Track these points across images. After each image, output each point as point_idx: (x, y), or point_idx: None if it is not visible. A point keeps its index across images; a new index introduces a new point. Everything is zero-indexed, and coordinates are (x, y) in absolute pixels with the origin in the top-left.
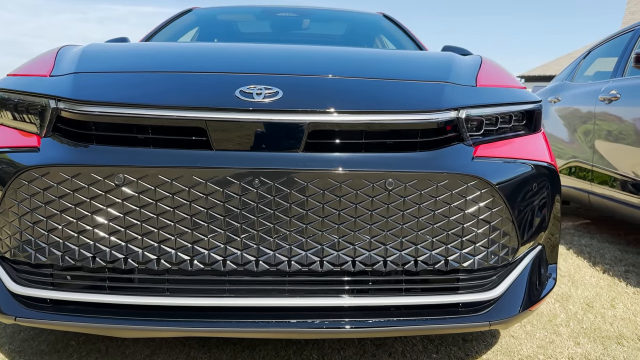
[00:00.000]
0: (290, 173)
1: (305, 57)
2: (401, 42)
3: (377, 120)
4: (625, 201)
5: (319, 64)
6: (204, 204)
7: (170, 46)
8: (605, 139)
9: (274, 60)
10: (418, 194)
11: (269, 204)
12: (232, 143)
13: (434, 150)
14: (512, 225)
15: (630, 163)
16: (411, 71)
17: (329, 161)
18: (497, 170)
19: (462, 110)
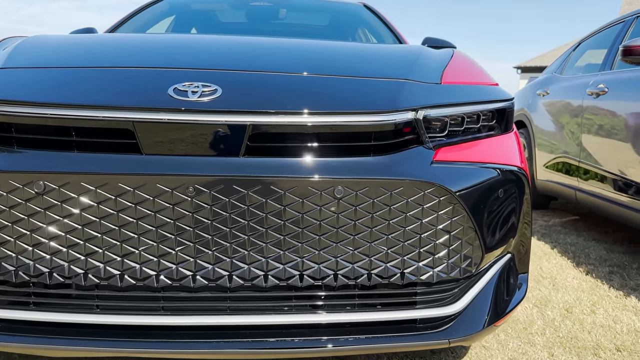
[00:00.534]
0: (228, 180)
1: (251, 51)
2: (379, 33)
3: (325, 122)
4: (612, 199)
5: (266, 59)
6: (132, 214)
7: (111, 39)
8: (592, 134)
9: (216, 54)
10: (370, 203)
11: (205, 214)
12: (163, 147)
13: (389, 154)
14: (475, 235)
15: (617, 160)
16: (369, 68)
17: (272, 167)
18: (458, 175)
19: (420, 111)
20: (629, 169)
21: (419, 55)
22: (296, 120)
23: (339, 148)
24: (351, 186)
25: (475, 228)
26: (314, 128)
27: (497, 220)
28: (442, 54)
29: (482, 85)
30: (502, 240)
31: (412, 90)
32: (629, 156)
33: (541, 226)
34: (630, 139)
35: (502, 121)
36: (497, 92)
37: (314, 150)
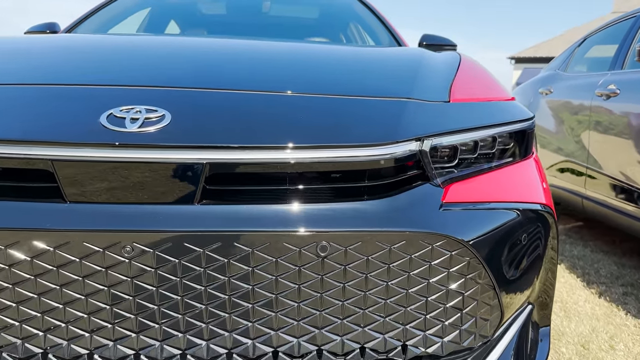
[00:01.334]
0: (178, 236)
1: (215, 61)
2: (373, 29)
3: (305, 158)
4: (622, 209)
5: (232, 73)
6: (53, 280)
7: (44, 44)
8: (601, 139)
9: (168, 67)
10: (363, 261)
11: (148, 280)
12: (92, 193)
13: (387, 196)
14: (493, 293)
15: (630, 168)
16: (363, 82)
17: (236, 218)
18: (473, 220)
19: (427, 140)
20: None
21: (421, 63)
22: (267, 156)
23: (323, 191)
24: (338, 241)
25: (494, 285)
26: (291, 167)
27: (519, 272)
28: (447, 61)
29: (497, 102)
30: (524, 293)
31: (415, 113)
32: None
33: None
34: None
35: (522, 145)
36: (516, 109)
37: (291, 195)
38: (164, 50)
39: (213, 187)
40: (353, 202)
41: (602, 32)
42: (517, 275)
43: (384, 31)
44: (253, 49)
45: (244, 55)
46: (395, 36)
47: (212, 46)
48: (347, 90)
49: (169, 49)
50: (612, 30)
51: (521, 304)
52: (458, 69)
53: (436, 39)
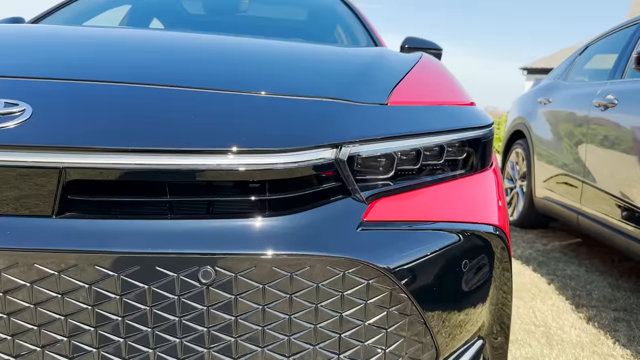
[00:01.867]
0: (28, 256)
1: (116, 53)
2: (352, 30)
3: (185, 165)
4: (619, 228)
5: (128, 65)
6: None
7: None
8: (598, 152)
9: (38, 53)
10: (257, 291)
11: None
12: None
13: (294, 212)
14: (424, 329)
15: (627, 184)
16: (287, 80)
17: (97, 235)
18: (400, 244)
19: (345, 147)
20: (638, 195)
21: (371, 63)
22: (139, 162)
23: (210, 205)
24: (227, 266)
25: (425, 321)
26: (169, 174)
27: (460, 304)
28: (404, 62)
29: (450, 106)
30: (467, 328)
31: (336, 116)
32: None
33: (539, 252)
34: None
35: (476, 156)
36: (472, 115)
37: (171, 208)
38: (59, 40)
39: (76, 198)
40: (250, 218)
41: (604, 40)
42: (456, 308)
43: (364, 34)
44: (185, 42)
45: (164, 48)
46: (373, 37)
47: (136, 38)
48: (264, 88)
49: (68, 39)
50: (614, 38)
51: (466, 340)
52: (411, 70)
53: (419, 42)
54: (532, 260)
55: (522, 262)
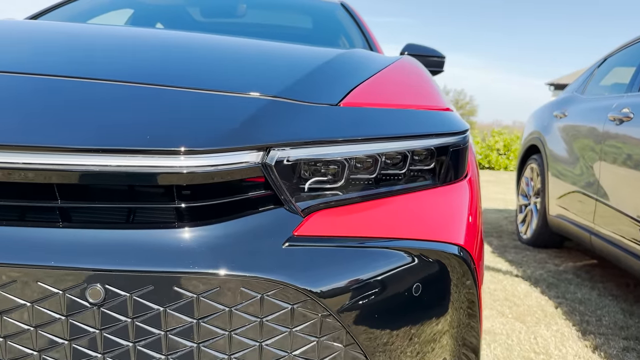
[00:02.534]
0: None
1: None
2: (350, 36)
3: (76, 166)
4: (633, 251)
5: (47, 57)
6: None
7: None
8: (612, 168)
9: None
10: (156, 314)
11: None
12: None
13: (208, 223)
14: None
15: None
16: (221, 76)
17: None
18: (336, 264)
19: (274, 150)
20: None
21: (335, 63)
22: (16, 160)
23: (107, 212)
24: (121, 284)
25: (363, 352)
26: (54, 175)
27: (411, 338)
28: (380, 63)
29: (417, 110)
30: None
31: (268, 116)
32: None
33: (550, 272)
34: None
35: (445, 165)
36: (445, 120)
37: (66, 216)
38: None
39: None
40: (152, 229)
41: (623, 52)
42: (407, 342)
43: (361, 40)
44: (137, 37)
45: (102, 42)
46: (371, 45)
47: (80, 33)
48: (191, 83)
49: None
50: (634, 50)
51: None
52: (380, 70)
53: (420, 49)
54: (542, 281)
55: (531, 284)
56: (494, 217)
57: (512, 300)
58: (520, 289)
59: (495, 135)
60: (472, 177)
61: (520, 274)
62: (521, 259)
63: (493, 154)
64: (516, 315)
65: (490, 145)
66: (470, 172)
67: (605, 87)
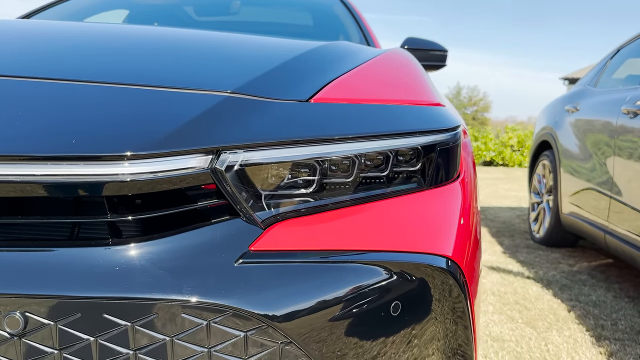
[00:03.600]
0: None
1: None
2: (347, 32)
3: (9, 176)
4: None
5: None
6: None
7: None
8: (626, 163)
9: None
10: (85, 345)
11: None
12: None
13: (145, 239)
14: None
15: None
16: (171, 71)
17: None
18: (294, 283)
19: (226, 154)
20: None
21: (313, 56)
22: None
23: (34, 228)
24: (44, 311)
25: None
26: None
27: None
28: (366, 55)
29: (402, 105)
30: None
31: (220, 114)
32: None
33: (563, 274)
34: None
35: (433, 166)
36: (433, 115)
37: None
38: None
39: None
40: (84, 247)
41: (636, 42)
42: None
43: (358, 35)
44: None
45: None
46: (368, 40)
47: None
48: (145, 80)
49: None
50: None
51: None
52: (363, 64)
53: (421, 42)
54: (555, 283)
55: (543, 286)
56: (507, 215)
57: (522, 303)
58: (531, 292)
59: (509, 132)
60: (466, 178)
61: (532, 276)
62: (533, 260)
63: (507, 150)
64: (527, 320)
65: (504, 142)
66: (463, 173)
67: (619, 79)
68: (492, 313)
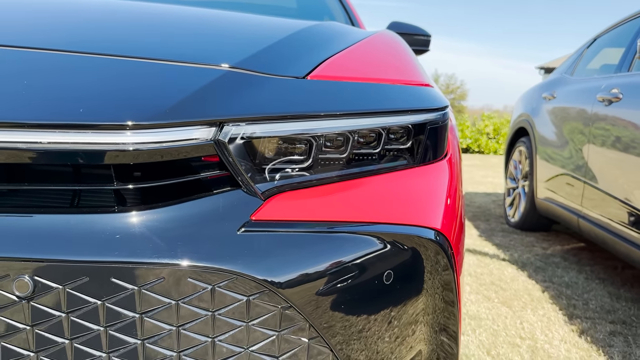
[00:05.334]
0: None
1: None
2: (332, 14)
3: (19, 143)
4: (620, 233)
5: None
6: None
7: None
8: (600, 149)
9: None
10: (94, 308)
11: None
12: None
13: (151, 207)
14: (332, 357)
15: (629, 185)
16: (171, 45)
17: None
18: (293, 251)
19: (228, 126)
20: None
21: (305, 35)
22: None
23: (45, 195)
24: (52, 275)
25: (331, 348)
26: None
27: (383, 329)
28: (356, 36)
29: (393, 85)
30: (393, 355)
31: (221, 88)
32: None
33: (537, 256)
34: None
35: (423, 144)
36: (422, 95)
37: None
38: None
39: None
40: (91, 213)
41: (613, 32)
42: (378, 333)
43: (344, 17)
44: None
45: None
46: (351, 17)
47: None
48: (134, 52)
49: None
50: (623, 30)
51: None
52: (355, 44)
53: (405, 27)
54: (529, 265)
55: (518, 268)
56: (482, 200)
57: (498, 284)
58: (507, 273)
59: (485, 120)
60: (453, 157)
61: (507, 258)
62: (508, 243)
63: (483, 138)
64: (502, 300)
65: (480, 130)
66: (450, 152)
67: (595, 69)
68: (470, 293)
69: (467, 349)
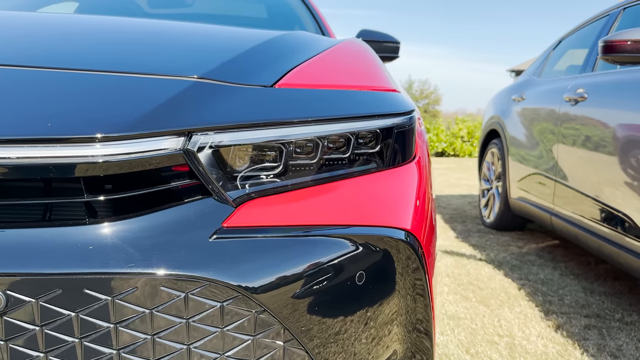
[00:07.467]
0: None
1: None
2: (303, 24)
3: None
4: (591, 229)
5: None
6: None
7: None
8: (569, 148)
9: None
10: (66, 320)
11: None
12: None
13: (122, 218)
14: (305, 356)
15: (598, 182)
16: (138, 58)
17: None
18: (266, 256)
19: (197, 135)
20: (609, 194)
21: (273, 44)
22: None
23: (14, 209)
24: (25, 289)
25: (307, 350)
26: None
27: (357, 329)
28: (324, 44)
29: (360, 91)
30: (370, 355)
31: (190, 98)
32: (610, 178)
33: (513, 255)
34: (612, 156)
35: (391, 147)
36: (389, 100)
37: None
38: None
39: None
40: (62, 226)
41: (577, 33)
42: (353, 334)
43: (314, 27)
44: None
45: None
46: (321, 27)
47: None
48: (101, 65)
49: None
50: (587, 31)
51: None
52: (322, 52)
53: (374, 34)
54: (505, 264)
55: (494, 267)
56: (458, 202)
57: (475, 284)
58: (484, 273)
59: (459, 123)
60: (421, 160)
61: (483, 258)
62: (484, 243)
63: (457, 141)
64: (480, 299)
65: (455, 133)
66: (418, 155)
67: (561, 70)
68: (448, 293)
69: (446, 348)
